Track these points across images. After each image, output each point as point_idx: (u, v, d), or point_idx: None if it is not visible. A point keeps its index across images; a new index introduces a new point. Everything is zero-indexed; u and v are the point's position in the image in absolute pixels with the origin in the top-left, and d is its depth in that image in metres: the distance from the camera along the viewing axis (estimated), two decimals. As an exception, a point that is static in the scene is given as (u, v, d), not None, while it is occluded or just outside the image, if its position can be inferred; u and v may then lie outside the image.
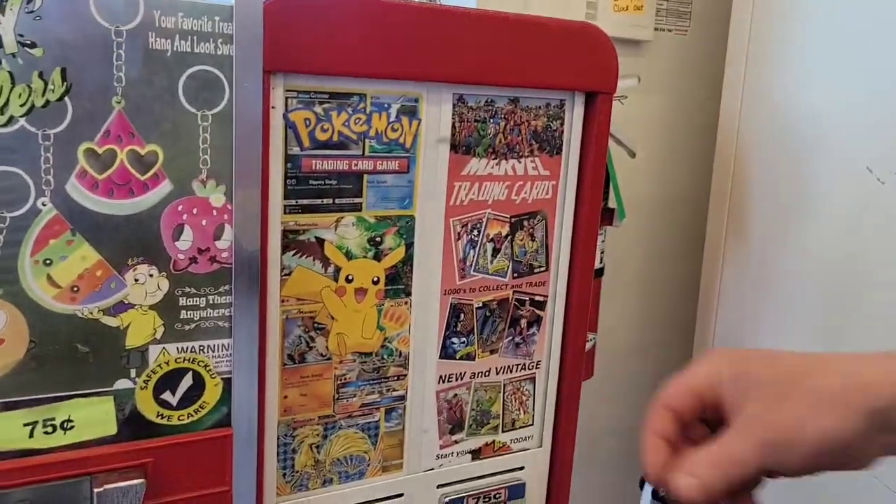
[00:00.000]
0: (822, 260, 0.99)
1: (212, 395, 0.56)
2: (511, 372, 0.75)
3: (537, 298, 0.75)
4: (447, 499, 0.73)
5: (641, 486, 0.63)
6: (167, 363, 0.54)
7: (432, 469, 0.73)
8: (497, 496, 0.75)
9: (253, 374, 0.56)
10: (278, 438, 0.64)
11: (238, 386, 0.56)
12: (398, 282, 0.67)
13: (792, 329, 1.03)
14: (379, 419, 0.69)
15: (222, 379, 0.56)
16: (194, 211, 0.52)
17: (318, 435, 0.66)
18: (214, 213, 0.52)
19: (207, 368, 0.55)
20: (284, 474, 0.65)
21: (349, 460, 0.68)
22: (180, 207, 0.51)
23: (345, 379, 0.66)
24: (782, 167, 1.03)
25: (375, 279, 0.66)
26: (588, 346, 1.04)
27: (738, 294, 1.11)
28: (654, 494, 0.52)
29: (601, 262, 1.10)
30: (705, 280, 1.16)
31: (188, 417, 0.55)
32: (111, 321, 0.51)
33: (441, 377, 0.71)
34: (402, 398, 0.70)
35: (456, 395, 0.73)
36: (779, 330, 1.05)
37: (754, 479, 0.48)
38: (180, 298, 0.53)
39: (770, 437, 0.46)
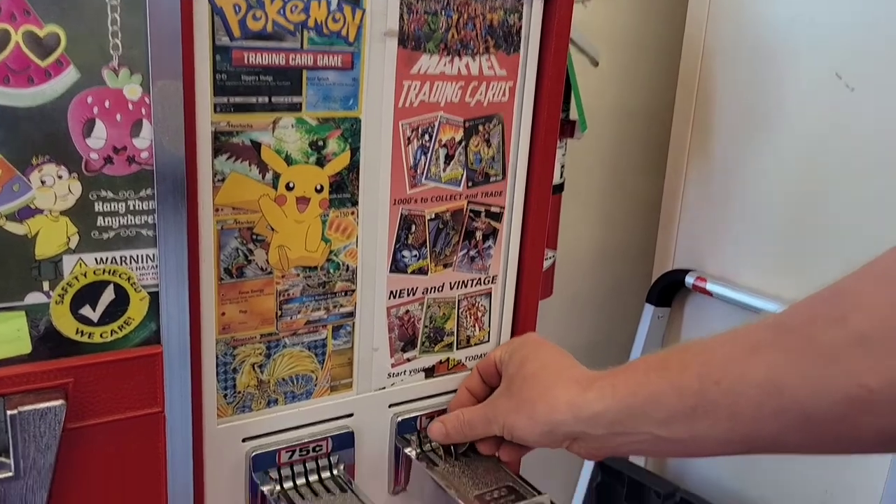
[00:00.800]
0: (787, 172, 0.97)
1: (137, 310, 0.51)
2: (466, 287, 0.72)
3: (493, 210, 0.71)
4: (399, 418, 0.70)
5: None
6: (84, 275, 0.49)
7: (384, 388, 0.70)
8: (451, 415, 0.73)
9: (182, 287, 0.52)
10: (217, 358, 0.60)
11: (166, 300, 0.52)
12: (343, 190, 0.62)
13: (754, 243, 1.02)
14: (326, 337, 0.65)
15: (149, 293, 0.51)
16: (106, 104, 0.46)
17: (260, 354, 0.62)
18: (130, 106, 0.47)
19: (131, 281, 0.50)
20: (225, 395, 0.62)
21: (295, 380, 0.65)
22: (90, 99, 0.46)
23: (288, 295, 0.62)
24: (748, 77, 1.00)
25: (319, 187, 0.61)
26: (547, 263, 1.01)
27: (700, 209, 1.08)
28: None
29: (561, 178, 1.06)
30: (667, 195, 1.13)
31: (112, 335, 0.51)
32: (17, 228, 0.46)
33: (392, 293, 0.67)
34: (351, 315, 0.66)
35: (408, 311, 0.69)
36: (740, 245, 1.04)
37: (493, 436, 0.66)
38: (96, 203, 0.48)
39: (490, 416, 0.65)
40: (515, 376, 0.64)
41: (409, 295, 0.68)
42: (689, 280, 1.05)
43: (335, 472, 0.67)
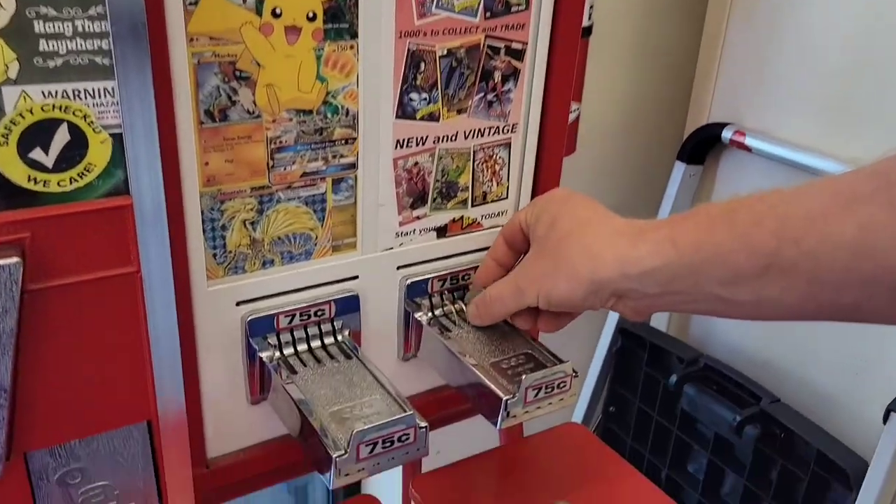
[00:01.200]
0: (844, 11, 0.85)
1: (98, 154, 0.44)
2: (482, 136, 0.64)
3: (514, 46, 0.61)
4: (409, 281, 0.64)
5: None
6: (31, 111, 0.41)
7: (391, 249, 0.63)
8: (466, 277, 0.67)
9: (150, 129, 0.44)
10: (202, 213, 0.53)
11: (132, 144, 0.44)
12: (340, 19, 0.53)
13: (802, 93, 0.92)
14: (325, 191, 0.58)
15: (110, 135, 0.44)
16: None
17: (251, 209, 0.56)
18: None
19: (88, 120, 0.43)
20: (215, 255, 0.55)
21: (292, 239, 0.58)
22: None
23: (280, 142, 0.54)
24: None
25: (311, 15, 0.52)
26: (571, 117, 0.92)
27: (742, 55, 0.97)
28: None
29: (589, 20, 0.95)
30: (706, 40, 1.02)
31: (71, 183, 0.44)
32: (-59, 53, 0.38)
33: (398, 142, 0.60)
34: (353, 166, 0.58)
35: (417, 163, 0.61)
36: (787, 96, 0.94)
37: (529, 307, 0.58)
38: (35, 23, 0.39)
39: (522, 285, 0.57)
40: (547, 237, 0.57)
41: (418, 144, 0.61)
42: (726, 134, 0.96)
43: (339, 338, 0.61)
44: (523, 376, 0.57)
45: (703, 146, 1.00)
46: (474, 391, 0.60)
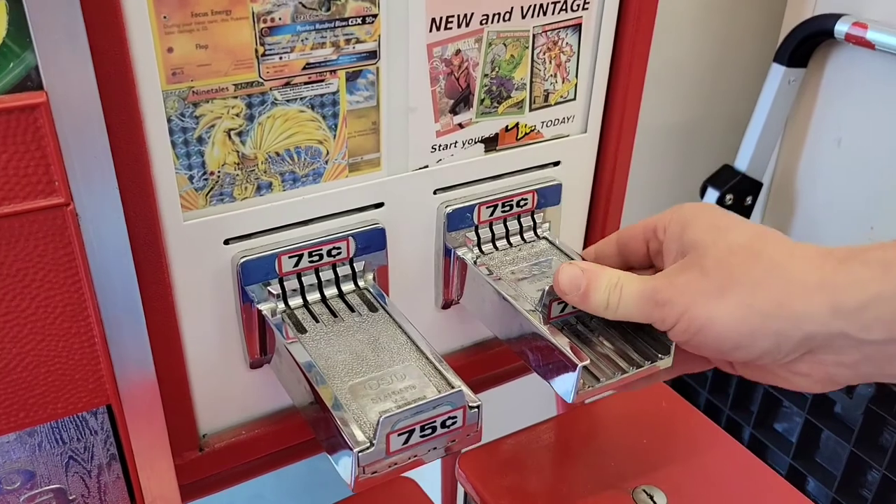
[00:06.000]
0: None
1: (-13, 23, 0.29)
2: (545, 14, 0.48)
3: None
4: (449, 209, 0.50)
5: (702, 194, 0.59)
6: None
7: (426, 167, 0.49)
8: (522, 203, 0.52)
9: (65, -16, 0.30)
10: (169, 121, 0.39)
11: (42, 9, 0.30)
12: None
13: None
14: (337, 90, 0.43)
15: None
16: None
17: (238, 115, 0.41)
18: None
19: (-39, -32, 0.28)
20: (191, 178, 0.41)
21: (295, 155, 0.44)
22: None
23: (272, 20, 0.40)
24: None
25: None
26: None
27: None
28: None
29: None
30: None
31: (-52, 69, 0.29)
32: None
33: (434, 21, 0.44)
34: (373, 55, 0.43)
35: (459, 51, 0.46)
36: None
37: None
38: None
39: (664, 295, 0.40)
40: (710, 247, 0.40)
41: (460, 25, 0.45)
42: (841, 28, 0.78)
43: (361, 283, 0.48)
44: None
45: (808, 44, 0.82)
46: (537, 352, 0.46)
